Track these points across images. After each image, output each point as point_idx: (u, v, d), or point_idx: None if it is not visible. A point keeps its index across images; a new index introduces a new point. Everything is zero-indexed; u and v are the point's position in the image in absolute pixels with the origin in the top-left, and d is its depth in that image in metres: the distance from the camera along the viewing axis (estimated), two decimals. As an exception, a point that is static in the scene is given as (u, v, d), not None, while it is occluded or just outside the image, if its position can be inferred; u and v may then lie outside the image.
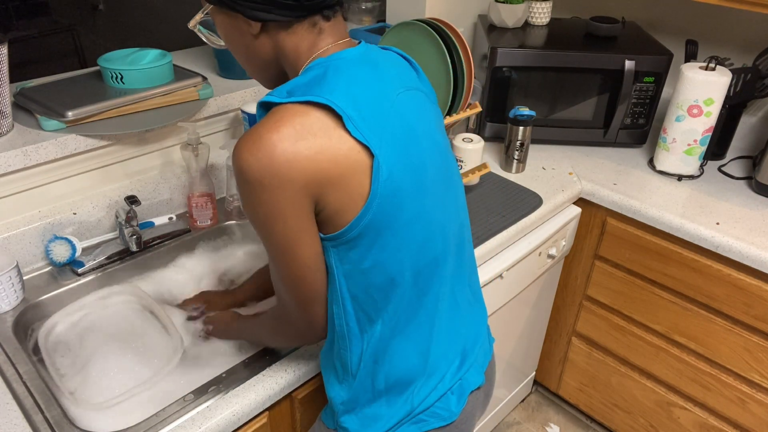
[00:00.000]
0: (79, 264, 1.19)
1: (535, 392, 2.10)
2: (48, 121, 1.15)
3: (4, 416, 0.88)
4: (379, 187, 0.74)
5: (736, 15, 1.71)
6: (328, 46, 0.80)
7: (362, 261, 0.78)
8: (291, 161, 0.70)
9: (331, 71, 0.76)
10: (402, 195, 0.76)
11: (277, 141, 0.70)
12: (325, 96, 0.72)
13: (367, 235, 0.76)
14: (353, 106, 0.73)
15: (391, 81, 0.81)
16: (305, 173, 0.71)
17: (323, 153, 0.71)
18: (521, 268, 1.46)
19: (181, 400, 0.92)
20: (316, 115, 0.72)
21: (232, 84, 1.43)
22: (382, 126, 0.75)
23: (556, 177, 1.60)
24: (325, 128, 0.72)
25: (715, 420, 1.58)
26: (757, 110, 1.74)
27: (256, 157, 0.70)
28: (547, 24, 1.83)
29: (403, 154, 0.77)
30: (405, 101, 0.81)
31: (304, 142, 0.70)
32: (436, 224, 0.83)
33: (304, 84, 0.75)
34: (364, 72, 0.78)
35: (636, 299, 1.60)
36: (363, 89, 0.76)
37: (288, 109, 0.72)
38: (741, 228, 1.39)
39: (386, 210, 0.75)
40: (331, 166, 0.72)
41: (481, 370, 0.96)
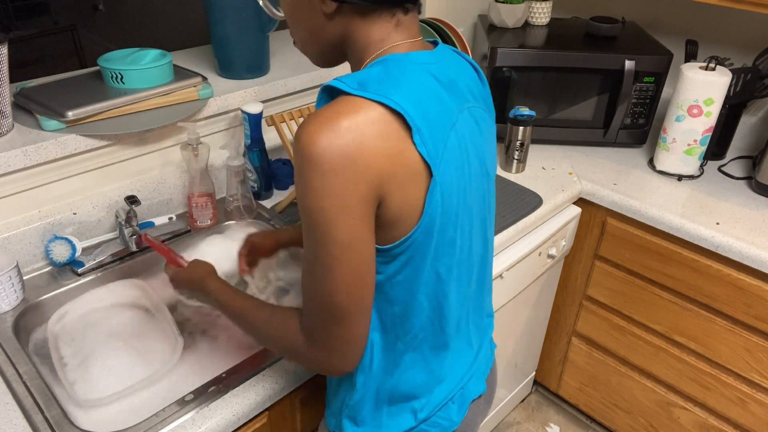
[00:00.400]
0: (79, 264, 1.19)
1: (535, 392, 2.10)
2: (48, 121, 1.15)
3: (4, 416, 0.88)
4: (431, 207, 0.71)
5: (736, 15, 1.71)
6: (403, 41, 0.75)
7: (396, 275, 0.75)
8: (366, 152, 0.65)
9: (408, 74, 0.71)
10: (446, 218, 0.74)
11: (354, 127, 0.65)
12: (399, 101, 0.68)
13: (409, 253, 0.73)
14: (423, 117, 0.69)
15: (458, 94, 0.77)
16: (377, 168, 0.66)
17: (396, 156, 0.67)
18: (521, 268, 1.46)
19: (181, 400, 0.92)
20: (388, 118, 0.67)
21: (232, 84, 1.43)
22: (443, 144, 0.72)
23: (556, 177, 1.60)
24: (396, 134, 0.68)
25: (715, 420, 1.58)
26: (757, 110, 1.74)
27: (331, 140, 0.64)
28: (547, 24, 1.83)
29: (454, 177, 0.74)
30: (466, 119, 0.78)
31: (379, 139, 0.66)
32: (466, 249, 0.81)
33: (378, 79, 0.69)
34: (436, 81, 0.74)
35: (636, 299, 1.60)
36: (433, 101, 0.72)
37: (361, 102, 0.67)
38: (741, 228, 1.39)
39: (431, 231, 0.73)
40: (400, 172, 0.68)
41: (483, 377, 0.95)
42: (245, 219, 1.37)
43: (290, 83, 1.48)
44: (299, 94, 1.54)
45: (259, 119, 1.34)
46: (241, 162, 1.30)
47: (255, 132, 1.35)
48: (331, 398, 0.91)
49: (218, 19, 1.37)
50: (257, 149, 1.37)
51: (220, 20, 1.36)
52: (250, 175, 1.40)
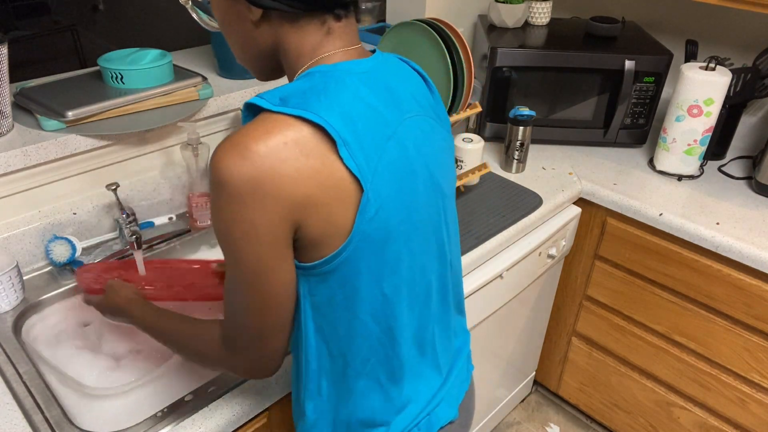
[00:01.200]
0: (79, 264, 1.18)
1: (535, 392, 2.10)
2: (48, 121, 1.15)
3: (4, 416, 0.88)
4: (363, 224, 0.67)
5: (736, 15, 1.71)
6: (336, 51, 0.72)
7: (333, 296, 0.71)
8: (278, 178, 0.62)
9: (333, 84, 0.68)
10: (386, 235, 0.69)
11: (265, 153, 0.62)
12: (322, 114, 0.64)
13: (341, 271, 0.69)
14: (351, 129, 0.66)
15: (399, 103, 0.73)
16: (291, 194, 0.63)
17: (313, 177, 0.63)
18: (521, 268, 1.46)
19: (181, 400, 0.92)
20: (309, 133, 0.64)
21: (232, 84, 1.43)
22: (378, 156, 0.67)
23: (556, 177, 1.60)
24: (317, 150, 0.64)
25: (715, 420, 1.58)
26: (757, 110, 1.74)
27: (240, 166, 0.61)
28: (547, 24, 1.83)
29: (396, 190, 0.70)
30: (409, 128, 0.73)
31: (294, 161, 0.63)
32: (417, 267, 0.76)
33: (301, 92, 0.66)
34: (370, 90, 0.70)
35: (636, 299, 1.60)
36: (365, 111, 0.68)
37: (279, 120, 0.64)
38: (741, 228, 1.39)
39: (367, 249, 0.68)
40: (319, 192, 0.64)
41: (455, 403, 0.89)
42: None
43: (290, 83, 1.48)
44: (299, 94, 1.54)
45: (259, 119, 1.34)
46: (241, 162, 1.29)
47: (255, 132, 1.35)
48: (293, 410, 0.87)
49: (218, 19, 1.37)
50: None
51: (220, 20, 1.36)
52: (250, 175, 1.40)
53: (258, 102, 0.66)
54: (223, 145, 0.63)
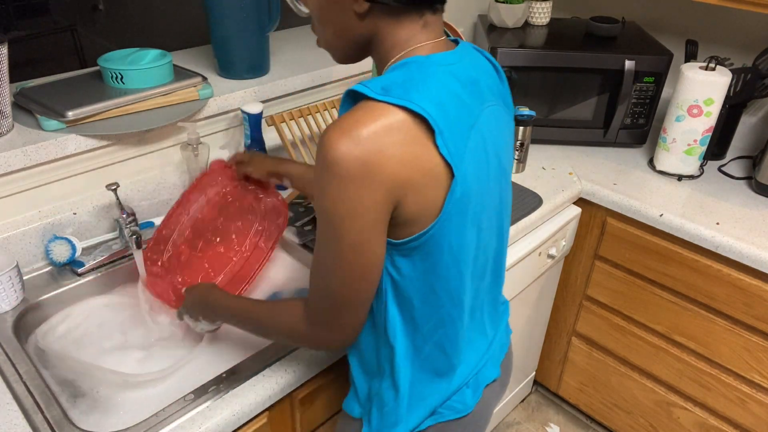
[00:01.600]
0: (79, 264, 1.19)
1: (535, 392, 2.10)
2: (48, 121, 1.15)
3: (4, 416, 0.88)
4: (451, 204, 0.73)
5: (736, 15, 1.71)
6: (427, 42, 0.77)
7: (413, 270, 0.77)
8: (384, 160, 0.68)
9: (429, 75, 0.73)
10: (465, 216, 0.76)
11: (373, 137, 0.67)
12: (422, 104, 0.70)
13: (425, 248, 0.75)
14: (445, 119, 0.71)
15: (479, 94, 0.79)
16: (395, 176, 0.69)
17: (413, 161, 0.69)
18: (521, 268, 1.46)
19: (182, 400, 0.92)
20: (410, 121, 0.69)
21: (232, 84, 1.43)
22: (464, 144, 0.74)
23: (556, 177, 1.60)
24: (417, 137, 0.70)
25: (715, 420, 1.58)
26: (757, 110, 1.74)
27: (350, 149, 0.67)
28: (547, 24, 1.83)
29: (475, 176, 0.76)
30: (487, 118, 0.79)
31: (398, 146, 0.68)
32: (482, 244, 0.83)
33: (401, 83, 0.71)
34: (458, 82, 0.75)
35: (636, 299, 1.60)
36: (455, 102, 0.74)
37: (384, 108, 0.69)
38: (741, 228, 1.39)
39: (449, 228, 0.75)
40: (419, 176, 0.70)
41: (497, 363, 0.98)
42: (245, 219, 1.36)
43: (290, 83, 1.48)
44: (299, 94, 1.54)
45: (259, 119, 1.34)
46: (241, 162, 1.30)
47: (255, 132, 1.35)
48: (355, 378, 0.92)
49: (218, 19, 1.37)
50: (257, 149, 1.37)
51: (220, 20, 1.37)
52: (250, 175, 1.40)
53: (362, 90, 0.71)
54: (333, 129, 0.68)
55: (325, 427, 1.15)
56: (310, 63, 1.57)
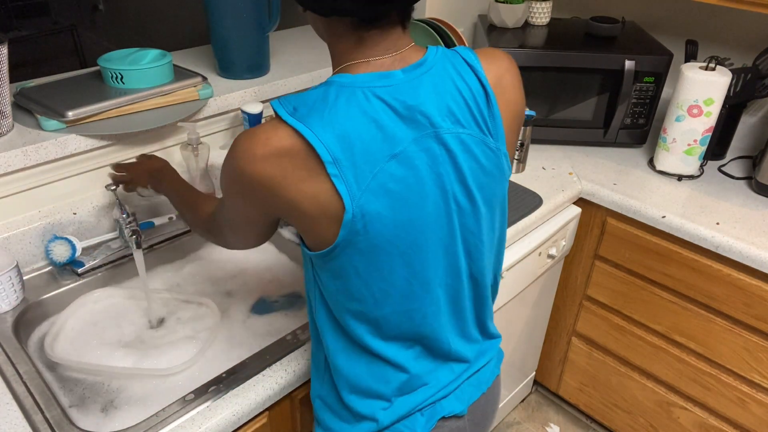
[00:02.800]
0: (79, 264, 1.19)
1: (535, 392, 2.10)
2: (48, 121, 1.15)
3: (4, 416, 0.88)
4: (349, 235, 0.71)
5: (736, 15, 1.71)
6: (363, 60, 0.73)
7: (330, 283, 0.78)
8: (268, 183, 0.71)
9: (343, 99, 0.70)
10: (375, 248, 0.73)
11: (263, 159, 0.70)
12: (317, 132, 0.68)
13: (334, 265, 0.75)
14: (345, 148, 0.68)
15: (418, 120, 0.72)
16: (276, 199, 0.72)
17: (298, 185, 0.70)
18: (521, 268, 1.46)
19: (181, 400, 0.92)
20: (303, 147, 0.68)
21: (232, 84, 1.43)
22: (373, 175, 0.69)
23: (556, 177, 1.60)
24: (308, 163, 0.69)
25: (715, 420, 1.58)
26: (757, 110, 1.74)
27: (243, 163, 0.71)
28: (547, 24, 1.83)
29: (389, 209, 0.71)
30: (428, 146, 0.72)
31: (284, 171, 0.70)
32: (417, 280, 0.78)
33: (311, 103, 0.70)
34: (384, 105, 0.70)
35: (636, 299, 1.60)
36: (368, 128, 0.69)
37: (283, 130, 0.69)
38: (741, 228, 1.39)
39: (354, 255, 0.73)
40: (302, 200, 0.71)
41: (465, 399, 0.90)
42: (245, 219, 1.36)
43: (290, 83, 1.48)
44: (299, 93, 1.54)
45: (259, 119, 1.34)
46: (241, 162, 1.29)
47: (255, 132, 1.35)
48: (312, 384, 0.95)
49: (218, 19, 1.37)
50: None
51: (220, 20, 1.37)
52: (250, 175, 1.40)
53: (275, 107, 0.72)
54: (243, 138, 0.72)
55: (325, 427, 1.15)
56: (310, 63, 1.57)
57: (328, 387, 0.89)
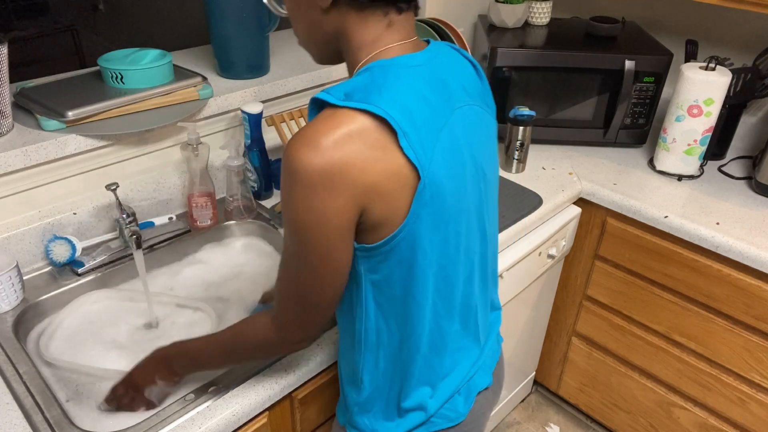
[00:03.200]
0: (79, 264, 1.19)
1: (535, 392, 2.10)
2: (48, 121, 1.15)
3: (4, 416, 0.88)
4: (419, 208, 0.73)
5: (736, 15, 1.71)
6: (394, 44, 0.76)
7: (392, 274, 0.77)
8: (347, 168, 0.68)
9: (392, 78, 0.72)
10: (439, 218, 0.75)
11: (334, 145, 0.67)
12: (384, 107, 0.69)
13: (398, 251, 0.75)
14: (410, 120, 0.71)
15: (451, 94, 0.78)
16: (358, 183, 0.69)
17: (376, 165, 0.69)
18: (521, 268, 1.46)
19: (182, 400, 0.92)
20: (372, 125, 0.69)
21: (232, 84, 1.43)
22: (433, 145, 0.73)
23: (556, 177, 1.60)
24: (380, 140, 0.69)
25: (715, 420, 1.58)
26: (757, 110, 1.74)
27: (311, 158, 0.67)
28: (547, 24, 1.83)
29: (447, 177, 0.75)
30: (460, 119, 0.78)
31: (360, 152, 0.68)
32: (463, 247, 0.82)
33: (363, 87, 0.71)
34: (424, 83, 0.75)
35: (636, 299, 1.60)
36: (421, 103, 0.73)
37: (345, 114, 0.69)
38: (741, 228, 1.39)
39: (422, 230, 0.74)
40: (383, 180, 0.70)
41: (489, 371, 0.97)
42: (245, 219, 1.37)
43: (290, 83, 1.48)
44: (299, 94, 1.54)
45: (259, 119, 1.34)
46: (241, 162, 1.30)
47: (255, 132, 1.35)
48: (344, 387, 0.93)
49: (218, 19, 1.37)
50: (257, 149, 1.37)
51: (220, 20, 1.37)
52: (250, 175, 1.40)
53: (324, 97, 0.71)
54: (295, 139, 0.69)
55: (324, 427, 1.15)
56: (310, 63, 1.57)
57: (368, 392, 0.87)
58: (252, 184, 1.42)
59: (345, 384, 0.92)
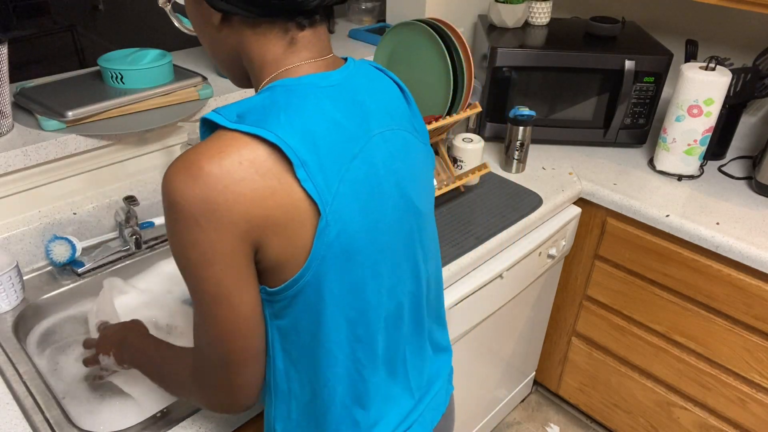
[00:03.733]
0: (79, 264, 1.19)
1: (535, 392, 2.10)
2: (48, 121, 1.15)
3: (4, 416, 0.88)
4: (323, 247, 0.65)
5: (736, 15, 1.71)
6: (301, 62, 0.68)
7: (298, 321, 0.69)
8: (232, 198, 0.60)
9: (296, 99, 0.65)
10: (348, 258, 0.67)
11: (218, 173, 0.59)
12: (279, 133, 0.61)
13: (304, 296, 0.67)
14: (311, 148, 0.63)
15: (368, 118, 0.70)
16: (247, 215, 0.60)
17: (270, 197, 0.61)
18: (521, 268, 1.46)
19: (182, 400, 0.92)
20: (265, 153, 0.61)
21: (232, 84, 1.43)
22: (341, 177, 0.65)
23: (556, 177, 1.60)
24: (274, 170, 0.61)
25: (715, 420, 1.58)
26: (757, 110, 1.74)
27: (192, 188, 0.59)
28: (547, 24, 1.83)
29: (359, 212, 0.67)
30: (381, 144, 0.71)
31: (250, 181, 0.60)
32: (385, 289, 0.73)
33: (261, 108, 0.63)
34: (336, 105, 0.67)
35: (636, 299, 1.60)
36: (329, 129, 0.65)
37: (235, 139, 0.61)
38: (741, 228, 1.39)
39: (328, 272, 0.66)
40: (278, 215, 0.62)
41: (429, 426, 0.86)
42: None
43: (290, 83, 1.48)
44: (299, 94, 1.54)
45: (259, 119, 1.34)
46: (241, 162, 1.29)
47: (255, 132, 1.35)
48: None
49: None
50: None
51: (220, 20, 1.36)
52: (250, 175, 1.40)
53: (214, 118, 0.63)
54: (174, 165, 0.61)
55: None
56: (310, 63, 1.56)
57: None
58: (252, 184, 1.41)
59: None
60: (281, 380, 0.74)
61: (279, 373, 0.73)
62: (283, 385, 0.74)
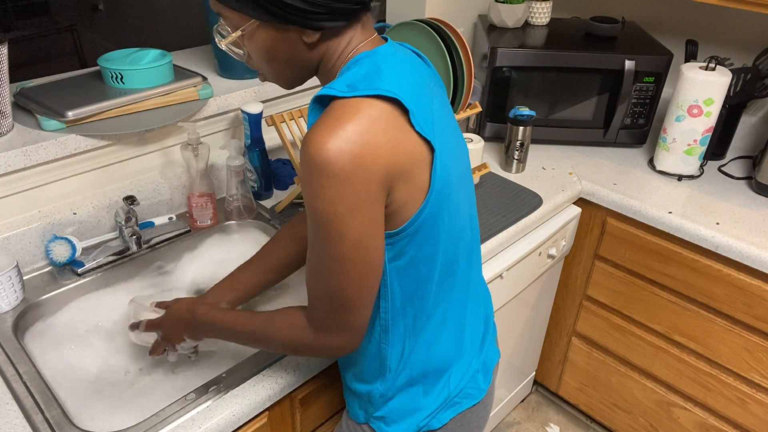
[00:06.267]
0: (79, 264, 1.19)
1: (535, 392, 2.10)
2: (48, 121, 1.15)
3: (4, 416, 0.88)
4: (436, 180, 0.75)
5: (736, 15, 1.71)
6: (366, 39, 0.79)
7: (416, 255, 0.78)
8: (375, 151, 0.68)
9: (385, 66, 0.75)
10: (448, 188, 0.78)
11: (361, 131, 0.68)
12: (391, 89, 0.71)
13: (422, 229, 0.76)
14: (413, 99, 0.73)
15: (424, 78, 0.81)
16: (386, 164, 0.70)
17: (398, 146, 0.71)
18: (521, 268, 1.46)
19: (182, 400, 0.92)
20: (387, 108, 0.71)
21: (232, 84, 1.43)
22: (431, 120, 0.76)
23: (556, 177, 1.60)
24: (396, 122, 0.71)
25: (715, 420, 1.58)
26: (757, 110, 1.74)
27: (340, 146, 0.67)
28: (547, 24, 1.83)
29: (446, 147, 0.78)
30: (437, 98, 0.82)
31: (383, 135, 0.69)
32: (465, 214, 0.86)
33: (362, 77, 0.73)
34: (405, 67, 0.78)
35: (636, 299, 1.60)
36: (412, 84, 0.76)
37: (360, 101, 0.70)
38: (741, 228, 1.39)
39: (439, 203, 0.77)
40: (404, 159, 0.72)
41: (495, 343, 1.02)
42: (245, 219, 1.37)
43: (290, 83, 1.48)
44: (299, 94, 1.54)
45: (259, 119, 1.35)
46: (241, 162, 1.30)
47: (255, 132, 1.35)
48: (358, 386, 0.92)
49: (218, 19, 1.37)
50: (257, 149, 1.37)
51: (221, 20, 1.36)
52: (250, 175, 1.40)
53: (329, 92, 0.72)
54: (317, 131, 0.68)
55: (325, 427, 1.15)
56: (310, 63, 1.56)
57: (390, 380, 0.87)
58: (252, 184, 1.42)
59: (367, 378, 0.90)
60: (399, 319, 0.82)
61: (396, 311, 0.82)
62: (400, 323, 0.83)
